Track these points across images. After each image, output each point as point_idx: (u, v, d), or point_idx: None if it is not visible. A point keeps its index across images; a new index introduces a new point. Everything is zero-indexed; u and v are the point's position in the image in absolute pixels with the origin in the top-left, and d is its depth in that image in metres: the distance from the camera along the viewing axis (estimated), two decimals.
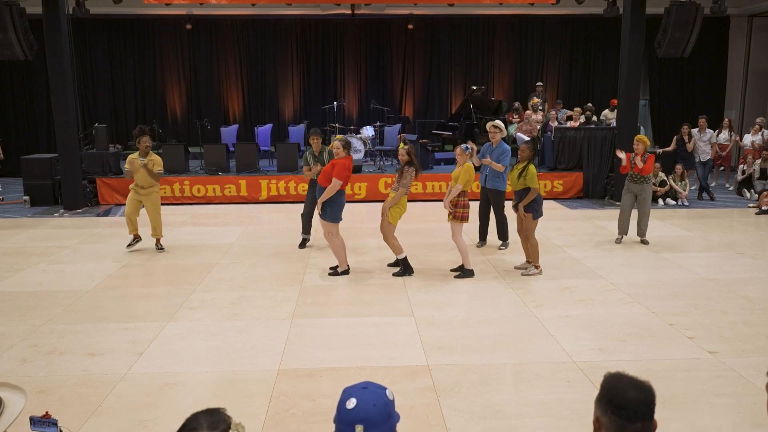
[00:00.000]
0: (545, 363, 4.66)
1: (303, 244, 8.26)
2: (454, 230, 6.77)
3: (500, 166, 7.78)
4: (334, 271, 6.96)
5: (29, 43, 10.03)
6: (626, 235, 8.46)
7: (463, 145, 6.85)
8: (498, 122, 8.00)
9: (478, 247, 8.30)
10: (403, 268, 6.94)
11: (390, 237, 6.86)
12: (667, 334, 5.23)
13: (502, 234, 8.20)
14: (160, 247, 8.15)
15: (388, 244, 6.95)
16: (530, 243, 6.97)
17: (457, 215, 6.67)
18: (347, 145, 6.72)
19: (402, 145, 6.84)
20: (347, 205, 8.30)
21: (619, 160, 8.35)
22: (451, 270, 7.05)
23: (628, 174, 8.27)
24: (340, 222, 6.84)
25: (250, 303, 6.07)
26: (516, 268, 7.23)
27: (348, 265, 7.01)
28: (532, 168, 6.86)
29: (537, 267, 6.95)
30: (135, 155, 7.92)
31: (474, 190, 7.81)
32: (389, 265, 7.31)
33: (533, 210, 6.87)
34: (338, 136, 6.89)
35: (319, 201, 6.67)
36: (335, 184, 6.55)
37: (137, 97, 16.27)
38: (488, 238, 8.40)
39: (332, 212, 6.72)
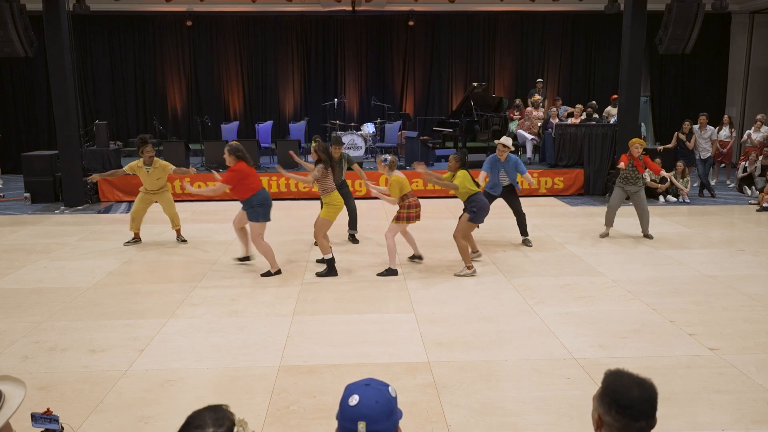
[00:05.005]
0: (546, 360, 4.67)
1: (353, 239, 8.49)
2: (391, 228, 6.84)
3: (528, 179, 7.76)
4: (267, 273, 6.85)
5: (29, 39, 10.02)
6: (612, 227, 8.58)
7: (383, 157, 6.81)
8: (507, 140, 7.76)
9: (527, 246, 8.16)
10: (328, 268, 6.81)
11: (321, 234, 6.75)
12: (667, 330, 5.24)
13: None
14: (182, 239, 8.32)
15: (317, 242, 6.83)
16: (458, 244, 6.77)
17: (401, 216, 6.77)
18: (233, 151, 6.65)
19: (313, 143, 6.92)
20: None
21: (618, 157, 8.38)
22: (409, 258, 7.33)
23: (621, 175, 8.34)
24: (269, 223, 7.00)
25: (251, 300, 6.08)
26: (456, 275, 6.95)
27: (278, 267, 6.93)
28: (460, 172, 6.82)
29: (469, 267, 6.77)
30: (139, 163, 7.97)
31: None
32: (317, 261, 7.33)
33: (472, 212, 6.74)
34: (232, 142, 6.87)
35: (201, 193, 6.99)
36: (219, 188, 6.70)
37: (137, 94, 16.26)
38: (508, 234, 8.41)
39: (262, 211, 6.74)
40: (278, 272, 6.89)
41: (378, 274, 6.83)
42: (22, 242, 8.50)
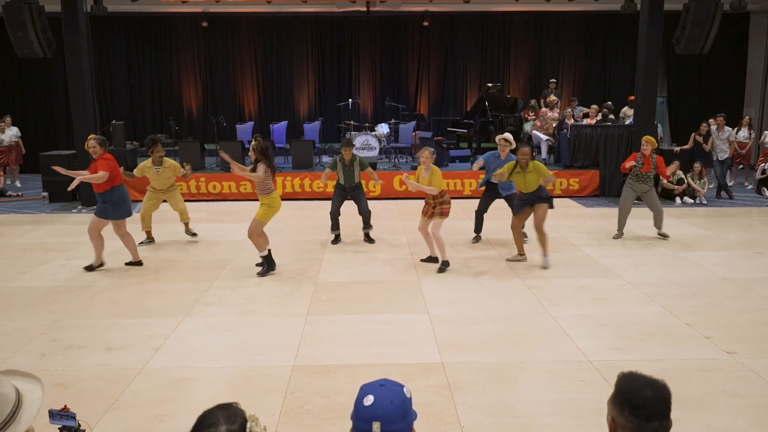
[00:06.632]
0: (560, 362, 4.64)
1: (368, 238, 8.43)
2: (437, 224, 6.96)
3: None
4: (89, 267, 7.03)
5: (48, 41, 10.15)
6: (623, 228, 8.59)
7: (431, 149, 6.87)
8: (508, 136, 8.01)
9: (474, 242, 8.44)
10: (267, 264, 6.84)
11: (255, 233, 6.75)
12: (684, 333, 5.19)
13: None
14: (192, 233, 8.37)
15: (252, 241, 6.85)
16: (542, 234, 7.14)
17: (444, 211, 6.92)
18: (103, 143, 6.85)
19: (252, 142, 6.89)
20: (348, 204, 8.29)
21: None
22: (421, 259, 7.38)
23: (633, 173, 8.31)
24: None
25: (265, 299, 6.10)
26: (508, 260, 7.49)
27: (102, 261, 7.11)
28: (533, 163, 7.04)
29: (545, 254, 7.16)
30: (148, 164, 8.08)
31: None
32: (257, 265, 7.11)
33: (551, 199, 7.13)
34: (91, 135, 6.99)
35: (78, 180, 6.83)
36: (101, 176, 6.74)
37: (154, 95, 16.41)
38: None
39: (112, 210, 6.82)
40: (101, 265, 7.08)
41: (438, 272, 6.95)
42: (40, 241, 8.60)
